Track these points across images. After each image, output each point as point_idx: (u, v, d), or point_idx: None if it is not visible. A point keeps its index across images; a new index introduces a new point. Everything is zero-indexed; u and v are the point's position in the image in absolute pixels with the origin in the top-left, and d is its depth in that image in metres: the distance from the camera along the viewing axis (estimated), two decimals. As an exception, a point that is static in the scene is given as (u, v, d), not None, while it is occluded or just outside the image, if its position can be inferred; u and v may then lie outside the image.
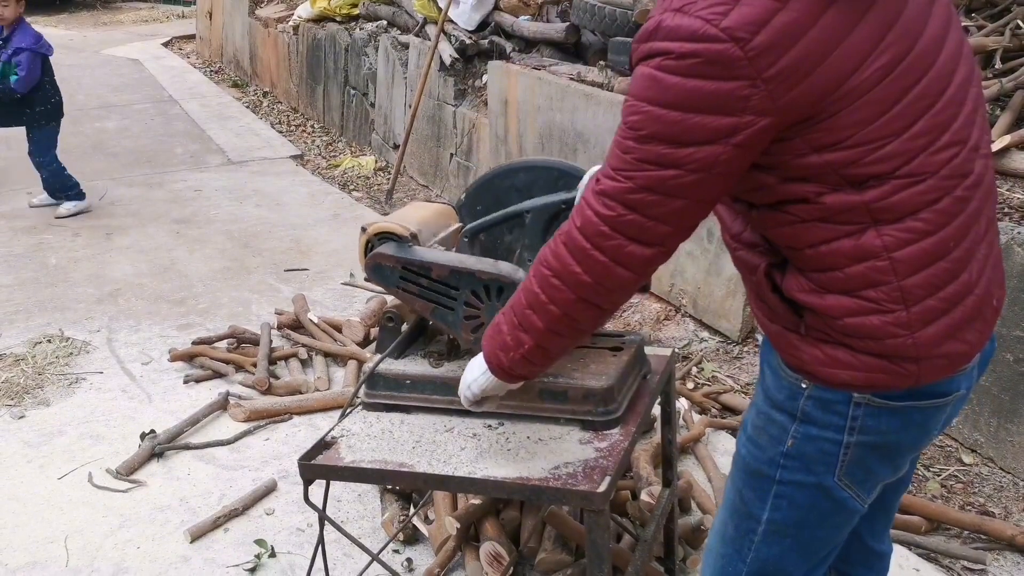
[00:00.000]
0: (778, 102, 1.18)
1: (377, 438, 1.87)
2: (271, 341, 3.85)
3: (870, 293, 1.29)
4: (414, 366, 1.97)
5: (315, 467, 1.82)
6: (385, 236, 1.88)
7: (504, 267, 1.80)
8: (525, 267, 1.84)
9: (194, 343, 3.88)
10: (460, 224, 2.07)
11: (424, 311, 1.88)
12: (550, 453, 1.76)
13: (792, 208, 1.30)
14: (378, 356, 2.00)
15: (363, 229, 1.90)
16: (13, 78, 5.43)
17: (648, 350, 2.14)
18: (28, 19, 5.73)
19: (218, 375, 3.67)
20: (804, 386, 1.40)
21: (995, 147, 3.29)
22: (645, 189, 1.26)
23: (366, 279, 1.98)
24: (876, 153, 1.23)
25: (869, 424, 1.39)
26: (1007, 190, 3.22)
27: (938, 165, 1.26)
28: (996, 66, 3.83)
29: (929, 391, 1.38)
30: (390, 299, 3.29)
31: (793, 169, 1.27)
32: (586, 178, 1.86)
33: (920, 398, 1.38)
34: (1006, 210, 3.11)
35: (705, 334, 3.99)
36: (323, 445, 1.86)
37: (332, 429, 1.92)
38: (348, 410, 1.99)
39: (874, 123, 1.22)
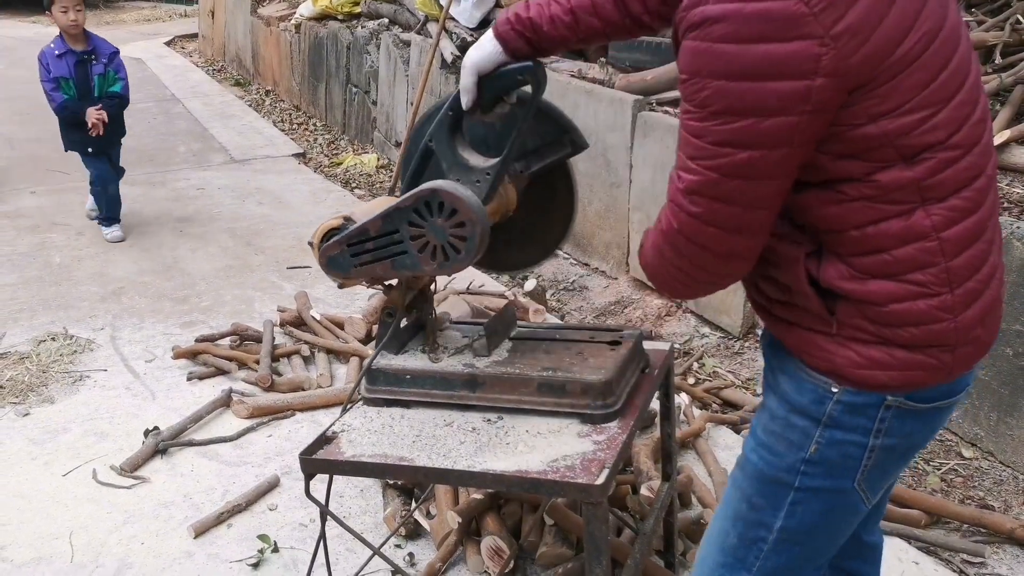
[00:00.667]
0: (847, 61, 1.14)
1: (378, 433, 1.89)
2: (274, 338, 3.87)
3: (917, 276, 1.27)
4: (414, 361, 1.98)
5: (316, 462, 1.84)
6: (329, 235, 1.90)
7: (422, 186, 1.79)
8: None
9: (197, 340, 3.89)
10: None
11: (388, 273, 1.88)
12: (548, 447, 1.77)
13: (843, 187, 1.27)
14: (377, 350, 2.02)
15: (311, 244, 1.92)
16: (117, 87, 5.12)
17: (647, 345, 2.16)
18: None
19: (221, 372, 3.69)
20: (834, 390, 1.36)
21: (995, 142, 3.30)
22: (732, 176, 1.21)
23: (340, 285, 1.99)
24: (930, 121, 1.22)
25: (895, 427, 1.36)
26: (1007, 184, 3.23)
27: (976, 137, 1.27)
28: (996, 61, 3.83)
29: (948, 390, 1.37)
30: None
31: (849, 143, 1.23)
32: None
33: (943, 397, 1.37)
34: (1006, 204, 3.12)
35: (706, 330, 4.00)
36: (324, 440, 1.88)
37: (333, 424, 1.93)
38: (349, 405, 2.00)
39: (927, 88, 1.21)
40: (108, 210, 5.33)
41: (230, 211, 5.90)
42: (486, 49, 1.67)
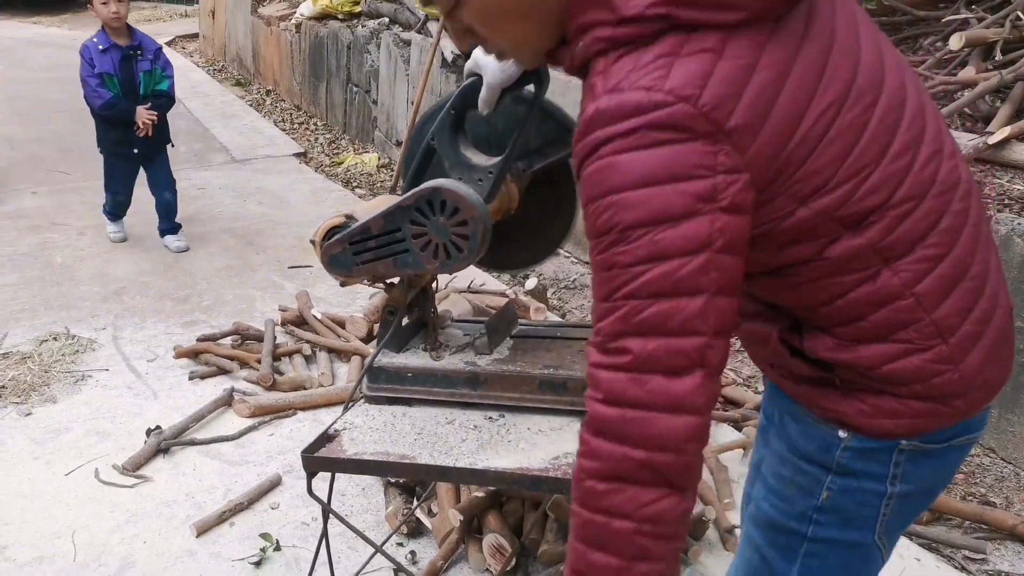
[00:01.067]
0: (746, 154, 1.07)
1: (379, 431, 1.89)
2: (275, 337, 3.87)
3: (903, 335, 1.20)
4: (415, 359, 1.99)
5: (318, 460, 1.84)
6: (330, 233, 1.90)
7: (424, 185, 1.80)
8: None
9: (199, 340, 3.90)
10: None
11: (390, 272, 1.89)
12: (550, 444, 1.78)
13: (796, 270, 1.20)
14: (379, 348, 2.02)
15: (312, 242, 1.93)
16: (164, 85, 4.88)
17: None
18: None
19: (223, 371, 3.70)
20: (842, 435, 1.28)
21: (995, 139, 3.30)
22: (652, 297, 1.07)
23: (341, 283, 2.00)
24: (863, 187, 1.14)
25: (911, 471, 1.28)
26: (1007, 181, 3.23)
27: (927, 181, 1.18)
28: (996, 58, 3.84)
29: (965, 427, 1.29)
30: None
31: (786, 232, 1.16)
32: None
33: (959, 435, 1.29)
34: (1006, 201, 3.12)
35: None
36: (326, 438, 1.88)
37: (335, 422, 1.93)
38: (350, 404, 2.00)
39: (850, 155, 1.13)
40: (167, 219, 5.12)
41: (231, 211, 5.90)
42: (509, 71, 1.68)
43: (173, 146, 5.18)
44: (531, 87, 1.78)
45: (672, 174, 1.06)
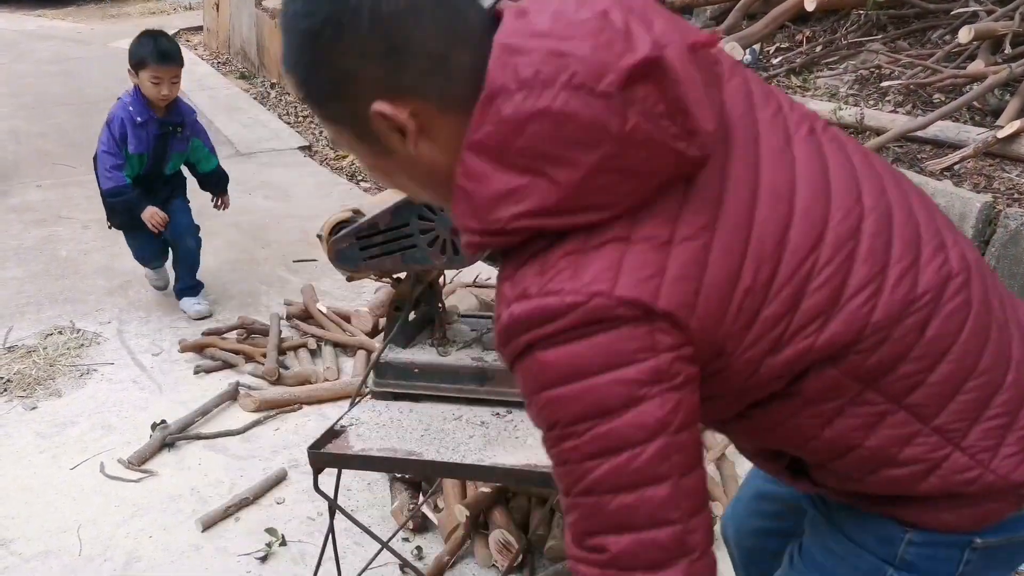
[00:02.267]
0: (686, 330, 0.98)
1: (386, 426, 1.89)
2: (280, 331, 3.87)
3: (908, 453, 1.09)
4: (422, 355, 1.98)
5: (325, 455, 1.83)
6: (337, 228, 1.90)
7: None
8: None
9: (204, 334, 3.89)
10: None
11: (397, 267, 1.89)
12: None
13: (766, 409, 1.10)
14: (385, 343, 2.01)
15: (319, 236, 1.92)
16: (212, 164, 4.23)
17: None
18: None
19: (228, 366, 3.69)
20: (906, 530, 1.16)
21: (1004, 132, 3.28)
22: (611, 492, 0.99)
23: (348, 278, 1.99)
24: (822, 335, 1.03)
25: (982, 566, 1.17)
26: (1016, 175, 3.21)
27: (900, 303, 1.04)
28: (1005, 51, 3.81)
29: None
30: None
31: (753, 390, 1.08)
32: None
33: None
34: (1015, 195, 3.10)
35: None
36: (332, 434, 1.88)
37: (341, 418, 1.93)
38: (357, 399, 2.00)
39: (798, 309, 1.02)
40: (188, 275, 4.14)
41: (236, 204, 5.84)
42: None
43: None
44: None
45: (605, 364, 0.97)
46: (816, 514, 1.29)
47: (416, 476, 2.73)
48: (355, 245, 1.87)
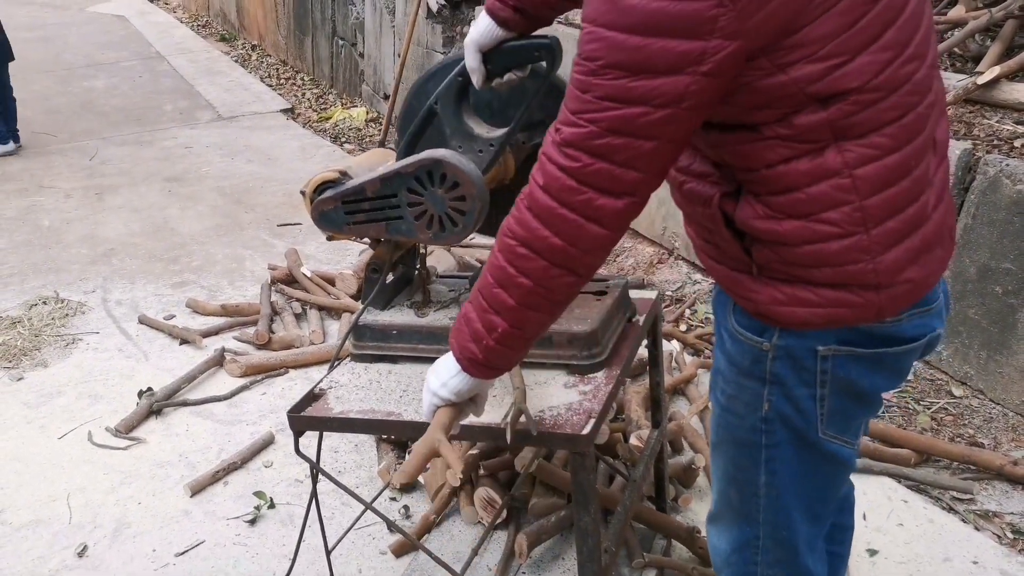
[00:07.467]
0: (746, 23, 1.09)
1: (365, 388, 1.89)
2: (271, 296, 3.88)
3: (830, 215, 1.24)
4: (400, 316, 1.98)
5: (305, 419, 1.84)
6: (322, 188, 1.89)
7: (425, 152, 1.78)
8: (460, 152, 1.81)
9: (187, 304, 3.90)
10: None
11: (381, 234, 1.88)
12: (535, 398, 1.77)
13: (752, 130, 1.24)
14: (364, 306, 2.01)
15: (303, 193, 1.91)
16: None
17: (634, 294, 2.15)
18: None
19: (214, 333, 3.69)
20: (765, 348, 1.37)
21: (985, 78, 3.26)
22: (611, 132, 1.16)
23: (328, 238, 1.98)
24: (844, 68, 1.16)
25: (840, 374, 1.35)
26: (996, 121, 3.20)
27: (903, 79, 1.20)
28: (986, -4, 3.78)
29: (900, 336, 1.34)
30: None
31: (758, 93, 1.19)
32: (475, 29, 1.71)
33: (892, 344, 1.34)
34: (995, 142, 3.09)
35: (698, 276, 4.00)
36: (312, 397, 1.88)
37: (320, 381, 1.93)
38: (336, 362, 2.00)
39: (842, 35, 1.14)
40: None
41: (219, 169, 5.86)
42: (481, 26, 1.65)
43: None
44: (543, 63, 1.75)
45: (669, 28, 1.09)
46: (718, 351, 1.49)
47: (397, 437, 2.75)
48: (340, 208, 1.86)
